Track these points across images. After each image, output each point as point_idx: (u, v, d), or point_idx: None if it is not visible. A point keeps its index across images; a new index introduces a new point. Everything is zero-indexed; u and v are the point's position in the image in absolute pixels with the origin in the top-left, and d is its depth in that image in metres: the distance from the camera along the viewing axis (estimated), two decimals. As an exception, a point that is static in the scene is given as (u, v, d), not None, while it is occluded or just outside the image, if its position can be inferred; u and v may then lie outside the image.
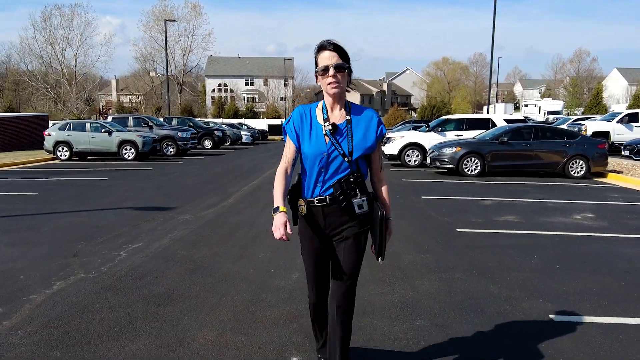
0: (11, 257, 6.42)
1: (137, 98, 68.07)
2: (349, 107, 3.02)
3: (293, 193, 3.11)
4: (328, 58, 2.85)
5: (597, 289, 5.34)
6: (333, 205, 2.97)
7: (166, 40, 37.88)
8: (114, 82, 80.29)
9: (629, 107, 46.69)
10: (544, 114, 50.43)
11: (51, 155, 22.26)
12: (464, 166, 15.62)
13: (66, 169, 18.23)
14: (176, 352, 3.86)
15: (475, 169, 15.63)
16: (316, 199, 2.99)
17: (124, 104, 65.88)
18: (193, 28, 64.30)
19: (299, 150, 3.04)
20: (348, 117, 2.98)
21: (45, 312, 4.62)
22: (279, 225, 2.89)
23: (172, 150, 24.45)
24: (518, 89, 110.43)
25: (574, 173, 15.46)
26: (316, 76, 2.95)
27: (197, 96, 74.50)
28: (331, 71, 2.84)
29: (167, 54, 39.79)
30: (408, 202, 10.79)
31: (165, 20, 39.33)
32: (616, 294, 5.18)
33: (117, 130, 22.31)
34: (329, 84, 2.87)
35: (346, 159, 2.91)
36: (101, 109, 72.03)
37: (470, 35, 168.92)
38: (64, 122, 24.12)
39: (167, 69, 39.86)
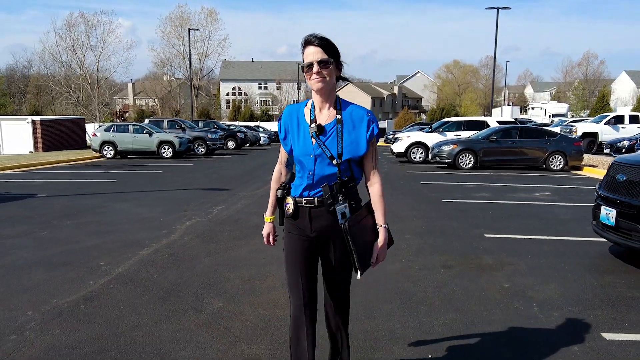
0: (145, 212, 10.08)
1: (154, 102, 71.83)
2: (339, 105, 2.97)
3: (283, 190, 3.11)
4: (312, 54, 2.82)
5: (521, 226, 8.86)
6: (320, 207, 2.93)
7: (190, 47, 41.82)
8: (130, 86, 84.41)
9: (634, 110, 49.95)
10: (549, 116, 53.70)
11: (97, 154, 25.95)
12: (460, 161, 19.13)
13: (117, 164, 21.91)
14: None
15: (469, 163, 19.12)
16: (304, 200, 2.96)
17: (142, 107, 69.61)
18: (209, 33, 67.91)
19: (288, 153, 3.06)
20: (338, 116, 2.92)
21: (191, 231, 8.22)
22: (264, 235, 3.28)
23: (202, 150, 27.97)
24: (529, 91, 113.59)
25: (554, 167, 18.90)
26: (303, 72, 2.91)
27: (212, 100, 78.51)
28: (315, 67, 2.81)
29: (190, 62, 43.77)
30: (410, 186, 14.33)
31: (189, 29, 43.26)
32: (531, 227, 8.69)
33: (157, 132, 25.97)
34: (313, 79, 2.85)
35: (334, 162, 2.86)
36: (118, 112, 75.89)
37: (482, 37, 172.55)
38: (108, 124, 27.95)
39: (190, 76, 43.78)
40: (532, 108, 62.37)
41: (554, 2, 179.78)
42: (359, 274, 2.87)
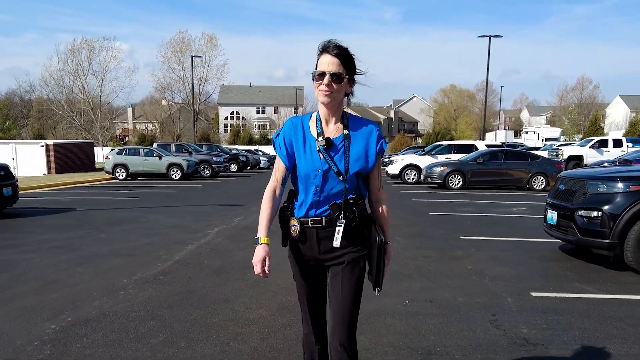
0: (177, 221, 12.11)
1: (154, 126, 74.05)
2: (346, 119, 2.88)
3: (285, 211, 2.97)
4: (327, 63, 2.69)
5: (492, 231, 10.89)
6: (329, 227, 2.85)
7: (192, 74, 44.12)
8: (130, 110, 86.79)
9: (625, 134, 52.28)
10: (542, 140, 55.98)
11: (110, 176, 27.98)
12: (449, 181, 21.20)
13: (131, 185, 23.96)
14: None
15: (458, 184, 21.19)
16: (310, 220, 2.88)
17: (142, 132, 71.76)
18: (209, 59, 70.25)
19: (289, 168, 2.93)
20: (345, 131, 2.83)
21: (221, 235, 10.24)
22: (258, 260, 2.85)
23: (208, 172, 29.97)
24: (525, 115, 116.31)
25: (536, 186, 20.99)
26: (313, 79, 2.76)
27: (210, 124, 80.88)
28: (326, 79, 2.68)
29: (193, 87, 46.13)
30: (403, 203, 16.38)
31: (192, 56, 45.66)
32: (500, 232, 10.72)
33: (166, 155, 28.04)
34: (321, 91, 2.72)
35: (341, 177, 2.78)
36: (118, 136, 78.05)
37: (480, 61, 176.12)
38: (120, 148, 30.04)
39: (192, 100, 45.90)
40: (526, 132, 64.74)
41: (553, 26, 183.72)
42: (377, 290, 2.92)
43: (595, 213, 7.54)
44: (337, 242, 2.83)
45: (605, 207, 7.43)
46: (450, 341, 4.81)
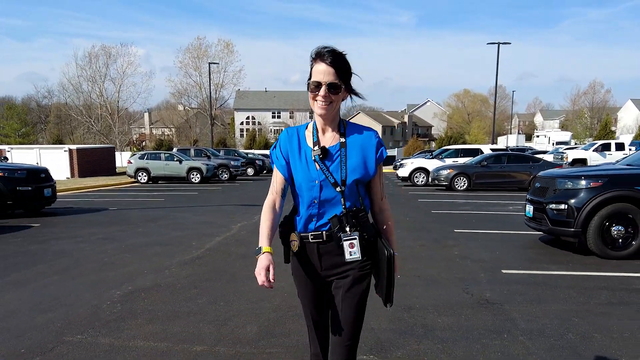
0: (203, 218, 13.65)
1: (170, 131, 75.96)
2: (344, 127, 2.81)
3: (286, 225, 2.95)
4: (323, 73, 2.62)
5: (484, 225, 12.29)
6: (330, 242, 2.77)
7: (210, 80, 45.77)
8: (146, 116, 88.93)
9: (636, 138, 53.29)
10: (553, 144, 57.15)
11: (132, 179, 29.61)
12: (455, 183, 22.60)
13: (154, 188, 25.57)
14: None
15: (463, 185, 22.58)
16: (311, 235, 2.81)
17: (159, 137, 73.69)
18: (225, 65, 72.01)
19: (287, 180, 2.86)
20: (342, 140, 2.76)
21: (244, 229, 11.74)
22: (261, 269, 2.78)
23: (226, 175, 31.51)
24: (539, 119, 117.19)
25: (538, 188, 22.29)
26: (308, 89, 2.70)
27: (227, 129, 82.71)
28: (322, 90, 2.62)
29: (210, 93, 47.68)
30: (410, 203, 17.80)
31: (210, 63, 47.41)
32: (491, 226, 12.11)
33: (186, 160, 29.62)
34: (318, 103, 2.66)
35: (338, 189, 2.70)
36: (135, 141, 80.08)
37: (493, 65, 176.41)
38: (142, 152, 31.71)
39: (210, 106, 47.62)
40: (537, 136, 65.85)
41: (568, 29, 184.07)
42: (388, 305, 2.83)
43: (562, 206, 8.94)
44: (352, 255, 2.74)
45: (571, 201, 8.83)
46: (427, 301, 6.26)
